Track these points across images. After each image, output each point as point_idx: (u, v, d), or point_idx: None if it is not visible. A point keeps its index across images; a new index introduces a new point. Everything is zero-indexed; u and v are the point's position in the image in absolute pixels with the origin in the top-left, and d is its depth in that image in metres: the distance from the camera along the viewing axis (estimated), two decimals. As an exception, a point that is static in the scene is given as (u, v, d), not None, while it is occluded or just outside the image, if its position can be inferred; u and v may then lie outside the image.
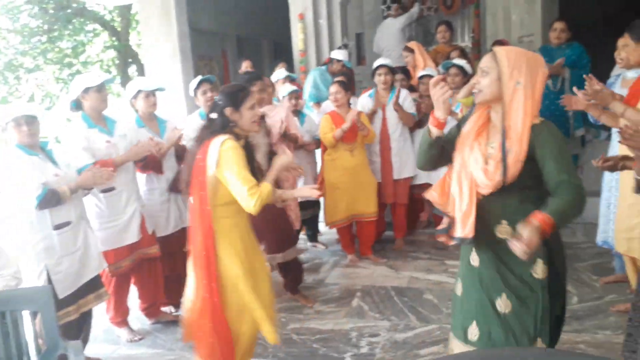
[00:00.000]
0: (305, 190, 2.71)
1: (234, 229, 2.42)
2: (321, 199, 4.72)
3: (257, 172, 2.47)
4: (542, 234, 1.69)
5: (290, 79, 4.85)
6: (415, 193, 4.64)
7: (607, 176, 3.37)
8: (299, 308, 3.66)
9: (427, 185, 4.54)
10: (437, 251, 4.44)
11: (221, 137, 2.34)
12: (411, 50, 5.11)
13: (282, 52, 8.86)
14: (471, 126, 1.97)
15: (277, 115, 4.11)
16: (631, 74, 3.11)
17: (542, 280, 1.84)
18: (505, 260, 1.90)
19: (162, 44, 6.30)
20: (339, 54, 5.32)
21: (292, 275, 3.81)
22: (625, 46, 2.95)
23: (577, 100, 3.06)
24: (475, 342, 1.94)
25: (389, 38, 6.41)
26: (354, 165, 4.24)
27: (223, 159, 2.30)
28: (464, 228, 1.90)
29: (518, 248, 1.68)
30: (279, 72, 4.97)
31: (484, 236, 1.90)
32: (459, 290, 2.08)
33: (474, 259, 2.00)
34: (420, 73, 4.66)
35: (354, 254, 4.46)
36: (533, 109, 1.83)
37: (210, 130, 2.42)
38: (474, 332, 1.95)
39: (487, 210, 1.90)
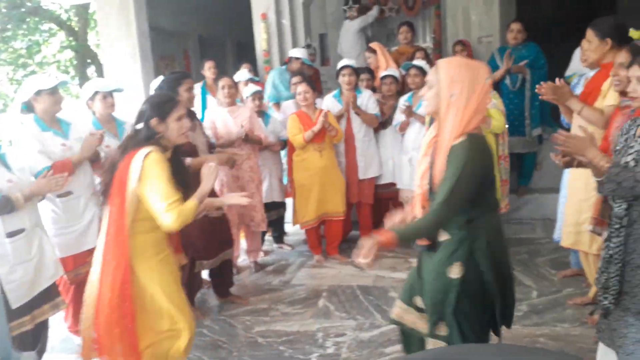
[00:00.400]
0: (234, 197, 2.60)
1: (153, 244, 2.35)
2: (288, 200, 4.72)
3: (187, 184, 2.39)
4: (383, 246, 1.89)
5: (252, 82, 4.82)
6: (381, 192, 4.68)
7: (566, 173, 3.47)
8: (265, 311, 3.63)
9: (392, 185, 4.61)
10: (402, 250, 4.48)
11: (145, 150, 2.24)
12: (373, 51, 5.14)
13: (245, 52, 8.78)
14: (427, 137, 2.10)
15: (241, 116, 4.09)
16: (593, 74, 3.19)
17: (456, 279, 1.95)
18: (434, 258, 2.04)
19: (121, 43, 6.15)
20: (297, 52, 5.32)
21: (221, 279, 3.77)
22: (589, 43, 2.93)
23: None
24: (420, 308, 2.13)
25: (347, 39, 6.51)
26: (323, 165, 4.25)
27: (145, 173, 2.21)
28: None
29: (357, 257, 1.91)
30: (242, 74, 4.93)
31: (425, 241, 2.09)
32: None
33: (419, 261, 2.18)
34: (382, 74, 4.69)
35: (320, 254, 4.47)
36: (464, 123, 1.86)
37: (134, 140, 2.32)
38: (419, 301, 2.13)
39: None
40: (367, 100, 4.43)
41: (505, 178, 4.21)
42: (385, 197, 4.68)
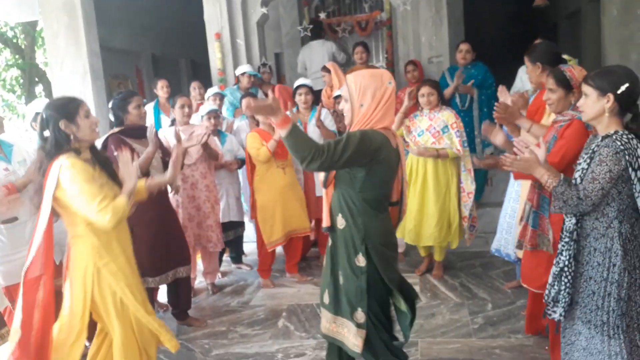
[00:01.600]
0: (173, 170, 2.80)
1: (114, 242, 2.38)
2: (247, 219, 4.68)
3: (117, 178, 2.45)
4: (277, 120, 2.01)
5: (221, 96, 4.86)
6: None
7: (509, 187, 3.60)
8: (223, 333, 3.56)
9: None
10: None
11: (59, 160, 2.25)
12: (328, 70, 5.21)
13: (200, 71, 8.74)
14: None
15: (195, 134, 4.03)
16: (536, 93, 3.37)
17: (362, 267, 2.18)
18: (340, 247, 2.26)
19: (71, 62, 5.99)
20: (242, 68, 5.40)
21: (177, 300, 3.69)
22: (527, 67, 3.19)
23: (495, 131, 3.15)
24: (327, 305, 2.33)
25: (316, 60, 6.30)
26: (286, 183, 4.19)
27: (62, 181, 2.22)
28: (324, 219, 2.32)
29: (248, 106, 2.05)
30: (211, 90, 4.94)
31: (335, 224, 2.27)
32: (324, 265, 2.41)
33: (330, 241, 2.34)
34: (335, 93, 4.77)
35: (269, 279, 4.37)
36: (369, 121, 2.10)
37: (46, 151, 2.31)
38: (326, 298, 2.34)
39: (332, 204, 2.28)
40: (325, 118, 4.49)
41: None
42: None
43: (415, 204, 4.01)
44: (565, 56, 3.22)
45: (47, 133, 2.30)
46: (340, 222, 2.23)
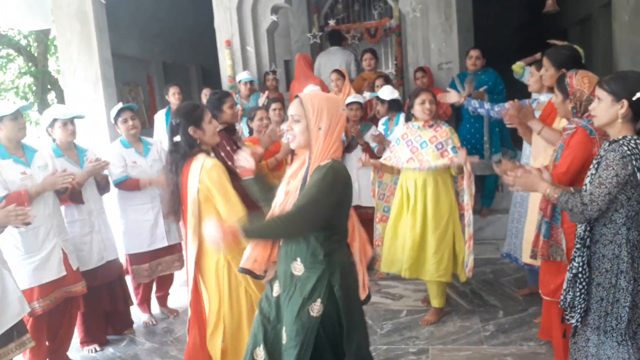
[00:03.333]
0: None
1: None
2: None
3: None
4: (228, 237, 1.88)
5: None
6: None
7: (515, 192, 3.59)
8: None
9: (358, 208, 4.63)
10: (369, 272, 4.48)
11: (199, 158, 2.49)
12: (342, 75, 5.23)
13: (210, 78, 8.79)
14: (292, 169, 2.16)
15: None
16: (543, 98, 3.36)
17: (317, 318, 1.97)
18: (291, 295, 2.03)
19: (83, 70, 6.06)
20: (240, 75, 5.45)
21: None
22: (545, 70, 3.11)
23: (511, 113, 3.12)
24: None
25: (334, 66, 6.15)
26: None
27: (205, 181, 2.45)
28: (260, 264, 2.16)
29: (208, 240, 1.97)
30: None
31: (288, 271, 2.05)
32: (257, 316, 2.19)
33: (276, 289, 2.13)
34: (348, 100, 4.77)
35: None
36: (332, 150, 2.00)
37: (179, 153, 2.54)
38: (260, 354, 2.10)
39: (284, 249, 2.07)
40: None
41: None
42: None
43: (414, 234, 3.46)
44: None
45: (177, 138, 2.54)
46: (297, 268, 2.02)
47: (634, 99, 1.93)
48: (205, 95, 5.40)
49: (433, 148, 3.39)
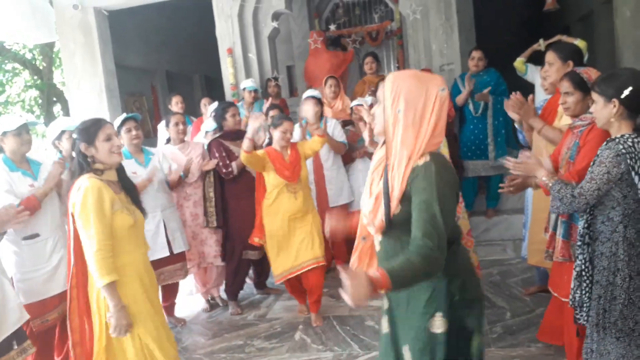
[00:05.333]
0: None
1: (127, 268, 2.38)
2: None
3: (137, 199, 2.53)
4: (375, 289, 1.47)
5: None
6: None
7: (529, 195, 3.57)
8: (240, 347, 3.56)
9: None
10: (377, 277, 4.47)
11: (80, 180, 2.34)
12: (338, 81, 5.23)
13: (213, 86, 8.84)
14: (374, 161, 1.82)
15: (194, 151, 4.12)
16: (542, 96, 3.35)
17: (440, 335, 1.64)
18: (404, 308, 1.73)
19: (87, 81, 6.12)
20: (244, 83, 5.45)
21: (262, 272, 4.36)
22: (550, 65, 3.03)
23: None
24: None
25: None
26: (298, 209, 3.68)
27: (76, 203, 2.30)
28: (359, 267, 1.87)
29: (346, 297, 1.46)
30: (213, 106, 4.97)
31: None
32: (383, 329, 1.88)
33: (385, 303, 1.82)
34: (353, 103, 4.78)
35: (304, 304, 4.00)
36: (420, 142, 1.62)
37: (72, 172, 2.45)
38: None
39: (380, 253, 1.77)
40: (333, 129, 4.49)
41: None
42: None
43: None
44: (577, 41, 3.16)
45: (74, 154, 2.42)
46: None
47: (622, 96, 1.95)
48: (204, 105, 5.42)
49: None
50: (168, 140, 4.27)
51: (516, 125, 3.34)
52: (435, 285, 1.63)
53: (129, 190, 2.50)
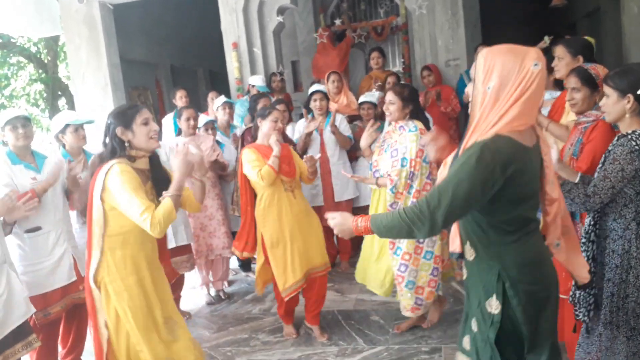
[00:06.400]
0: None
1: (127, 261, 2.35)
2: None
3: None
4: (357, 226, 1.72)
5: (230, 105, 4.88)
6: (359, 215, 4.67)
7: None
8: (245, 340, 3.57)
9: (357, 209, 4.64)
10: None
11: (109, 164, 2.26)
12: (341, 77, 5.21)
13: (218, 81, 8.83)
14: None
15: (205, 144, 4.12)
16: (547, 95, 3.33)
17: (495, 315, 1.65)
18: (471, 284, 1.77)
19: (92, 75, 6.13)
20: (254, 80, 5.42)
21: None
22: (559, 59, 2.98)
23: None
24: (468, 351, 1.81)
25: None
26: (300, 209, 3.36)
27: (110, 187, 2.23)
28: (452, 243, 1.87)
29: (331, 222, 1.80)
30: (219, 99, 4.98)
31: (464, 253, 1.78)
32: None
33: (465, 273, 1.84)
34: (361, 99, 4.77)
35: (292, 325, 3.55)
36: (505, 118, 1.53)
37: (102, 156, 2.35)
38: (467, 343, 1.83)
39: (460, 227, 1.79)
40: (339, 123, 4.49)
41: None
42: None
43: (369, 238, 3.39)
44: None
45: (107, 140, 2.35)
46: (469, 252, 1.73)
47: (639, 92, 1.92)
48: (211, 99, 5.41)
49: (389, 155, 3.17)
50: (178, 132, 4.27)
51: None
52: (489, 268, 1.65)
53: (158, 181, 2.43)
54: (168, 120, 5.48)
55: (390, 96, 3.16)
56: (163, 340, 2.41)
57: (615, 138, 2.03)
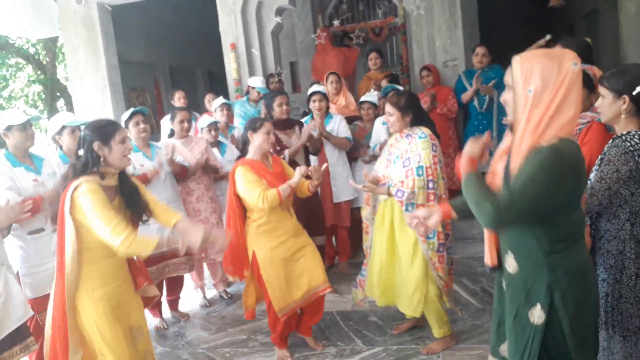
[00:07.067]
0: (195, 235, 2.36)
1: (100, 274, 2.36)
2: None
3: (140, 207, 2.43)
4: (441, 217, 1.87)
5: (228, 107, 4.87)
6: (358, 215, 4.69)
7: None
8: (243, 342, 3.57)
9: (355, 209, 4.64)
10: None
11: (77, 181, 2.26)
12: (340, 77, 5.21)
13: (216, 82, 8.83)
14: (502, 145, 1.79)
15: (196, 147, 4.11)
16: None
17: (538, 326, 1.63)
18: (509, 292, 1.76)
19: (90, 76, 6.12)
20: (253, 81, 5.41)
21: None
22: None
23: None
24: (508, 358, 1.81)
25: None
26: (295, 227, 3.23)
27: (77, 204, 2.24)
28: (486, 254, 1.85)
29: (410, 219, 1.89)
30: (217, 101, 4.97)
31: (503, 264, 1.78)
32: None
33: (504, 283, 1.84)
34: (361, 99, 4.78)
35: (286, 349, 3.32)
36: (554, 122, 1.55)
37: (75, 167, 2.35)
38: (505, 349, 1.83)
39: (500, 238, 1.78)
40: (338, 125, 4.48)
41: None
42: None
43: (381, 254, 3.14)
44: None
45: (81, 152, 2.34)
46: (510, 265, 1.70)
47: (634, 93, 1.92)
48: (208, 101, 5.41)
49: (401, 164, 3.00)
50: (172, 134, 4.27)
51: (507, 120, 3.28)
52: (536, 278, 1.62)
53: (127, 194, 2.44)
54: (166, 121, 5.47)
55: (387, 108, 3.04)
56: (130, 346, 2.44)
57: (611, 140, 2.03)
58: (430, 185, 2.92)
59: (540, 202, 1.55)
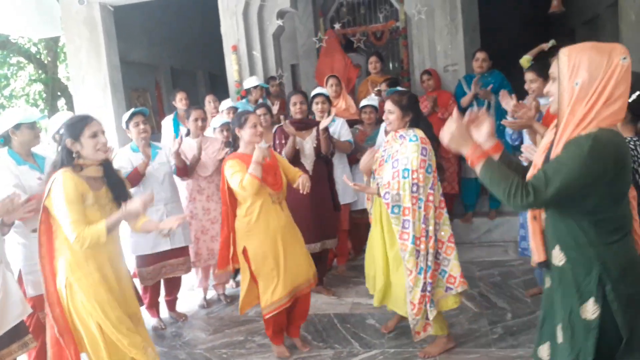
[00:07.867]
0: (169, 222, 2.55)
1: (90, 260, 2.42)
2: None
3: (124, 197, 2.55)
4: (469, 153, 1.71)
5: (235, 110, 4.88)
6: (357, 218, 4.70)
7: None
8: (240, 343, 3.58)
9: (356, 212, 4.65)
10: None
11: (56, 173, 2.38)
12: (340, 81, 5.21)
13: (218, 83, 8.85)
14: (545, 139, 1.80)
15: (212, 146, 4.11)
16: (543, 101, 3.36)
17: (592, 321, 1.60)
18: (557, 291, 1.73)
19: (92, 76, 6.13)
20: (250, 82, 5.42)
21: (320, 268, 3.84)
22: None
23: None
24: None
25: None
26: (286, 222, 3.21)
27: (52, 195, 2.35)
28: (532, 251, 1.82)
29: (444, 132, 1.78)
30: (225, 103, 4.98)
31: (550, 259, 1.75)
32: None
33: (547, 281, 1.82)
34: (362, 103, 4.79)
35: (283, 345, 3.36)
36: (600, 113, 1.55)
37: (54, 164, 2.47)
38: (544, 352, 1.82)
39: (546, 232, 1.76)
40: (340, 128, 4.49)
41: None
42: (362, 223, 4.69)
43: (379, 253, 3.13)
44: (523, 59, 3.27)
45: (58, 149, 2.46)
46: (558, 258, 1.68)
47: (630, 100, 1.94)
48: (208, 102, 5.42)
49: (390, 165, 3.00)
50: (187, 132, 4.26)
51: (506, 122, 3.31)
52: (587, 270, 1.61)
53: (114, 185, 2.54)
54: (167, 122, 5.50)
55: (388, 105, 3.03)
56: (132, 331, 2.51)
57: None
58: (414, 189, 2.89)
59: (575, 187, 1.54)
